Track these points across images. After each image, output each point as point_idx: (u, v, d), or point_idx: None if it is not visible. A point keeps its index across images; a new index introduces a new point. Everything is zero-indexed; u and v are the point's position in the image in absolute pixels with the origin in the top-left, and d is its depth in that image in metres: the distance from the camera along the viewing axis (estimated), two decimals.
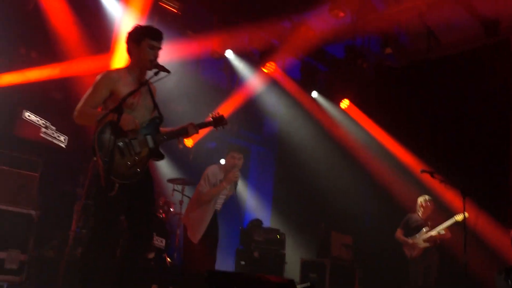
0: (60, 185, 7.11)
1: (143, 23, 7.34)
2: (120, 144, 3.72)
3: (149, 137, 3.92)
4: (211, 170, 5.77)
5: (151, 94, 4.08)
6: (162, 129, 4.10)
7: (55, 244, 6.26)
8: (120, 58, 7.62)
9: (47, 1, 7.09)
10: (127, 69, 3.99)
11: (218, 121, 4.64)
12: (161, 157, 4.00)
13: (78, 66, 7.42)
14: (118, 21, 7.54)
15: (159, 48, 4.00)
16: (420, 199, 7.42)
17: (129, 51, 4.00)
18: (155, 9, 7.47)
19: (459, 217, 6.86)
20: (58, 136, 6.33)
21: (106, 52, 7.58)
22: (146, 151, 3.88)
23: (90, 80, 7.53)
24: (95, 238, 3.74)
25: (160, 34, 4.02)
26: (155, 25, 7.62)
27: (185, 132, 4.19)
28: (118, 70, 4.00)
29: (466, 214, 6.44)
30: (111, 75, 3.89)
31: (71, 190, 6.75)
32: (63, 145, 6.41)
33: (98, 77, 3.90)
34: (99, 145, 3.61)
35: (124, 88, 3.81)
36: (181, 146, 4.41)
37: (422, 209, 7.36)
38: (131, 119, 3.76)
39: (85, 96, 3.85)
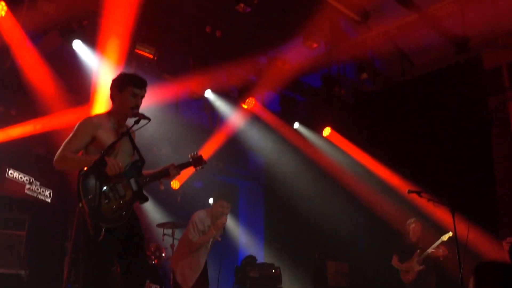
0: (48, 241, 7.02)
1: (121, 71, 7.46)
2: (105, 188, 3.71)
3: (132, 180, 3.92)
4: (198, 216, 5.83)
5: (131, 138, 4.08)
6: (144, 171, 4.09)
7: None
8: (99, 109, 7.65)
9: (23, 58, 7.12)
10: (108, 114, 3.99)
11: (197, 161, 4.67)
12: (145, 199, 4.00)
13: (58, 120, 7.42)
14: (96, 71, 7.58)
15: (142, 96, 4.04)
16: (407, 223, 7.51)
17: (112, 97, 4.02)
18: (131, 56, 7.54)
19: (445, 237, 6.98)
20: (43, 191, 6.28)
21: (86, 103, 7.60)
22: (130, 194, 3.87)
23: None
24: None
25: (143, 82, 4.05)
26: (133, 71, 7.76)
27: (167, 173, 4.22)
28: (98, 116, 4.00)
29: (450, 233, 6.59)
30: (92, 121, 3.88)
31: (59, 245, 6.66)
32: (48, 200, 6.35)
33: (79, 123, 3.89)
34: (84, 190, 3.59)
35: (105, 134, 3.83)
36: (162, 187, 4.32)
37: (411, 232, 7.45)
38: (115, 163, 3.74)
39: (66, 141, 3.84)
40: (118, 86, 4.00)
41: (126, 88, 3.97)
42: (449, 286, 6.92)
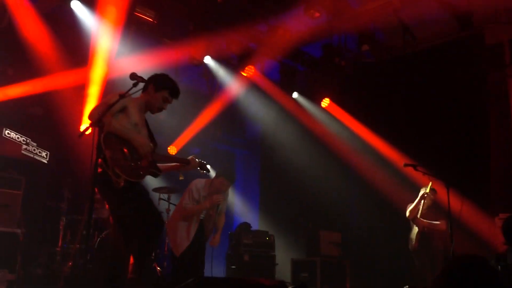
0: (44, 201, 7.06)
1: (119, 33, 7.38)
2: (124, 149, 3.99)
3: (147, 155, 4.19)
4: (196, 185, 5.86)
5: (147, 126, 4.39)
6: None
7: (42, 262, 6.21)
8: (98, 71, 7.60)
9: (21, 17, 7.03)
10: (137, 98, 4.26)
11: (203, 166, 4.97)
12: (158, 170, 4.29)
13: (56, 81, 7.38)
14: (94, 33, 7.50)
15: (170, 103, 4.42)
16: (423, 190, 7.13)
17: (146, 88, 4.28)
18: (130, 19, 7.45)
19: (426, 189, 6.82)
20: (40, 152, 6.29)
21: (84, 65, 7.55)
22: (146, 162, 4.14)
23: (68, 94, 7.55)
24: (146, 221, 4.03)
25: (178, 93, 4.46)
26: (132, 34, 7.69)
27: (187, 162, 4.64)
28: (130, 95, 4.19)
29: (430, 184, 6.60)
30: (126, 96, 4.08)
31: (55, 206, 6.70)
32: (45, 161, 6.36)
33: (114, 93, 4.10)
34: (106, 145, 3.87)
35: (133, 110, 4.17)
36: (181, 178, 4.70)
37: (423, 200, 7.04)
38: (147, 143, 4.13)
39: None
40: (157, 84, 4.33)
41: (163, 90, 4.33)
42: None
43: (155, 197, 7.94)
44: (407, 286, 3.48)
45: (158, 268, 6.88)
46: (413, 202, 7.06)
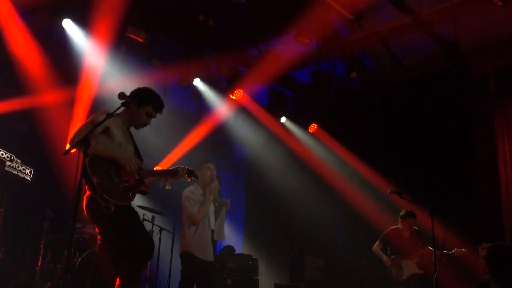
0: (26, 219, 6.95)
1: (109, 53, 7.39)
2: (110, 171, 3.97)
3: (134, 171, 4.17)
4: (189, 190, 5.82)
5: (133, 141, 4.38)
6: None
7: (22, 280, 6.09)
8: (86, 90, 7.58)
9: (12, 34, 7.02)
10: (119, 116, 4.19)
11: (190, 173, 4.83)
12: (147, 188, 4.29)
13: (43, 98, 7.34)
14: (85, 52, 7.50)
15: (154, 117, 4.38)
16: (402, 213, 7.23)
17: (129, 103, 4.11)
18: (121, 40, 7.47)
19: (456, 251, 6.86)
20: (24, 169, 6.20)
21: (72, 83, 7.53)
22: (133, 181, 4.12)
23: (55, 111, 7.50)
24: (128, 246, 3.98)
25: (162, 107, 4.41)
26: (122, 54, 7.70)
27: (175, 172, 4.56)
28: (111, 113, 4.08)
29: (464, 250, 6.65)
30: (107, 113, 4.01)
31: (37, 224, 6.60)
32: (28, 178, 6.28)
33: (96, 113, 4.10)
34: (92, 170, 3.83)
35: (116, 130, 4.14)
36: (168, 187, 4.63)
37: (404, 225, 7.15)
38: (134, 160, 4.10)
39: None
40: (140, 99, 4.26)
41: (147, 106, 4.28)
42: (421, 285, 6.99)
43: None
44: None
45: None
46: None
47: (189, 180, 4.83)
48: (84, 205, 4.03)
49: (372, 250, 7.30)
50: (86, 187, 3.97)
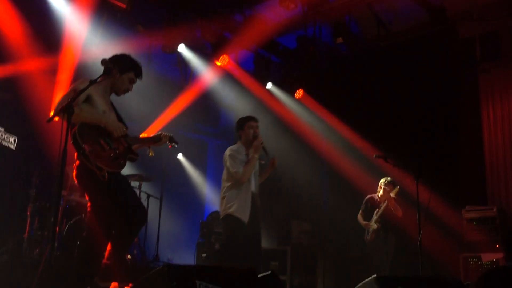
0: (12, 188, 6.93)
1: (91, 19, 7.26)
2: (100, 139, 3.98)
3: (121, 138, 4.19)
4: (233, 149, 5.45)
5: (114, 108, 4.36)
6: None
7: (9, 248, 6.11)
8: (69, 57, 7.47)
9: None
10: (99, 83, 4.06)
11: (171, 139, 4.79)
12: (135, 155, 4.29)
13: (25, 66, 7.23)
14: (66, 19, 7.36)
15: (135, 83, 4.36)
16: (381, 180, 7.46)
17: (109, 70, 4.08)
18: (103, 5, 7.32)
19: (393, 193, 7.10)
20: (7, 138, 6.14)
21: (54, 51, 7.41)
22: (122, 148, 4.15)
23: (38, 79, 7.41)
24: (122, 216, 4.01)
25: (141, 73, 4.39)
26: (104, 20, 7.57)
27: (158, 139, 4.56)
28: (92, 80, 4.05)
29: (397, 188, 7.00)
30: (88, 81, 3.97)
31: (23, 192, 6.59)
32: (12, 147, 6.23)
33: (77, 81, 4.04)
34: (81, 139, 3.83)
35: (98, 98, 4.10)
36: (151, 154, 4.63)
37: (381, 190, 7.43)
38: (121, 126, 4.13)
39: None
40: (122, 67, 4.23)
41: (129, 72, 4.27)
42: (404, 249, 7.13)
43: None
44: (375, 275, 3.53)
45: (128, 256, 6.85)
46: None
47: (169, 146, 4.77)
48: (74, 174, 4.03)
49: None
50: (75, 156, 3.95)
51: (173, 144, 4.77)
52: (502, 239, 4.77)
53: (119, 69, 4.22)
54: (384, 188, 7.36)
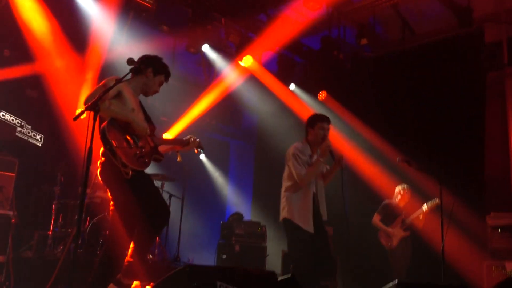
0: (37, 185, 7.05)
1: (117, 19, 7.34)
2: (127, 136, 4.01)
3: (148, 138, 4.23)
4: (298, 148, 5.20)
5: (143, 108, 4.37)
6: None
7: (33, 245, 6.21)
8: (95, 56, 7.56)
9: None
10: (129, 82, 4.15)
11: (198, 145, 4.80)
12: (160, 155, 4.30)
13: (53, 64, 7.34)
14: (93, 18, 7.46)
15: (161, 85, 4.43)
16: (398, 188, 7.54)
17: (141, 71, 4.19)
18: (129, 5, 7.40)
19: (430, 204, 7.04)
20: (34, 135, 6.23)
21: (81, 49, 7.51)
22: (148, 148, 4.17)
23: (65, 77, 7.52)
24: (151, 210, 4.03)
25: (170, 76, 4.46)
26: (130, 20, 7.64)
27: (186, 143, 4.59)
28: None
29: (437, 200, 6.58)
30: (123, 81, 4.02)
31: (48, 189, 6.70)
32: (39, 144, 6.32)
33: (107, 79, 4.07)
34: (111, 134, 3.87)
35: (127, 95, 4.12)
36: (179, 159, 4.69)
37: (399, 196, 7.47)
38: (146, 124, 4.17)
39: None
40: (156, 68, 4.30)
41: (160, 75, 4.34)
42: (426, 255, 7.05)
43: None
44: (396, 281, 3.50)
45: (150, 256, 6.90)
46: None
47: (196, 151, 4.79)
48: (98, 171, 4.06)
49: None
50: (100, 152, 3.99)
51: (199, 150, 4.80)
52: None
53: (154, 70, 4.28)
54: (404, 194, 7.37)
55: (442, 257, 5.10)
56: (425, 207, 7.13)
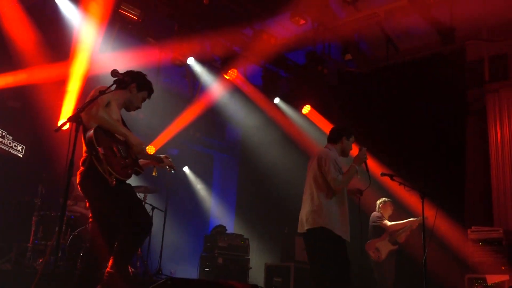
0: (17, 196, 6.95)
1: (103, 30, 7.32)
2: (113, 145, 3.98)
3: (130, 150, 4.19)
4: (328, 154, 5.01)
5: (124, 123, 4.33)
6: None
7: (13, 257, 6.11)
8: (79, 67, 7.52)
9: (3, 8, 6.93)
10: (117, 94, 4.17)
11: (171, 167, 4.77)
12: (141, 169, 4.28)
13: (35, 74, 7.28)
14: (77, 28, 7.43)
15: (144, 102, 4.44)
16: (379, 202, 7.53)
17: (127, 86, 4.19)
18: (115, 16, 7.39)
19: (418, 221, 7.04)
20: (15, 146, 6.19)
21: (65, 60, 7.47)
22: (131, 160, 4.13)
23: (48, 88, 7.46)
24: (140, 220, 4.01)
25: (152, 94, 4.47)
26: (116, 31, 7.64)
27: (160, 160, 4.57)
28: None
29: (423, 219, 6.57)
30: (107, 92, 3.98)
31: (29, 201, 6.61)
32: (20, 155, 6.27)
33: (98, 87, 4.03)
34: (98, 141, 3.81)
35: (115, 106, 4.13)
36: (155, 173, 4.68)
37: (382, 210, 7.47)
38: (141, 142, 4.16)
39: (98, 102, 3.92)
40: (140, 84, 4.29)
41: (144, 91, 4.33)
42: (409, 268, 7.08)
43: None
44: None
45: (131, 269, 6.82)
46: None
47: (168, 171, 4.77)
48: (78, 181, 4.02)
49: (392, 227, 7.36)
50: (81, 162, 3.94)
51: (171, 171, 4.80)
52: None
53: (137, 86, 4.27)
54: (385, 207, 7.41)
55: (424, 270, 5.13)
56: (415, 224, 7.07)
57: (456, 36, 8.04)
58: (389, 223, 7.28)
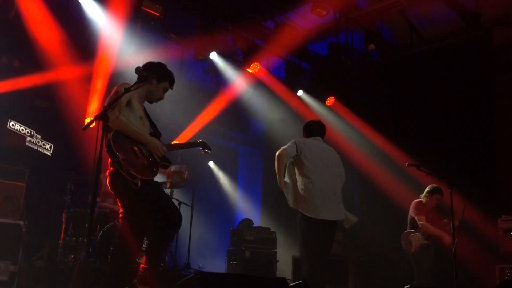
0: (47, 194, 7.08)
1: (125, 27, 7.38)
2: (134, 147, 4.03)
3: None
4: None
5: (148, 116, 4.40)
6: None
7: (44, 254, 6.23)
8: (103, 65, 7.60)
9: (28, 8, 7.02)
10: (137, 89, 4.14)
11: (204, 145, 4.96)
12: (168, 162, 4.33)
13: (61, 73, 7.39)
14: (101, 27, 7.51)
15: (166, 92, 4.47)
16: (428, 188, 6.92)
17: (146, 78, 4.13)
18: (137, 14, 7.44)
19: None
20: (44, 145, 6.29)
21: (89, 58, 7.55)
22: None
23: (74, 87, 7.57)
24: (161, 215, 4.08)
25: (174, 83, 4.50)
26: (138, 28, 7.69)
27: (196, 145, 4.78)
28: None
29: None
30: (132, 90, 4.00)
31: (58, 198, 6.72)
32: (48, 153, 6.37)
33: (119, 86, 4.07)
34: (116, 146, 3.87)
35: (136, 103, 4.19)
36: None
37: (427, 199, 7.00)
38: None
39: (114, 102, 3.92)
40: (159, 75, 4.30)
41: (164, 82, 4.35)
42: (443, 260, 6.97)
43: None
44: (408, 286, 3.47)
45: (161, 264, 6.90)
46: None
47: (203, 152, 4.88)
48: (108, 181, 4.07)
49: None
50: (109, 162, 4.00)
51: (206, 150, 4.83)
52: None
53: (157, 77, 4.28)
54: (434, 197, 6.92)
55: (454, 261, 5.06)
56: (446, 240, 6.77)
57: (482, 22, 7.86)
58: (422, 222, 6.82)
